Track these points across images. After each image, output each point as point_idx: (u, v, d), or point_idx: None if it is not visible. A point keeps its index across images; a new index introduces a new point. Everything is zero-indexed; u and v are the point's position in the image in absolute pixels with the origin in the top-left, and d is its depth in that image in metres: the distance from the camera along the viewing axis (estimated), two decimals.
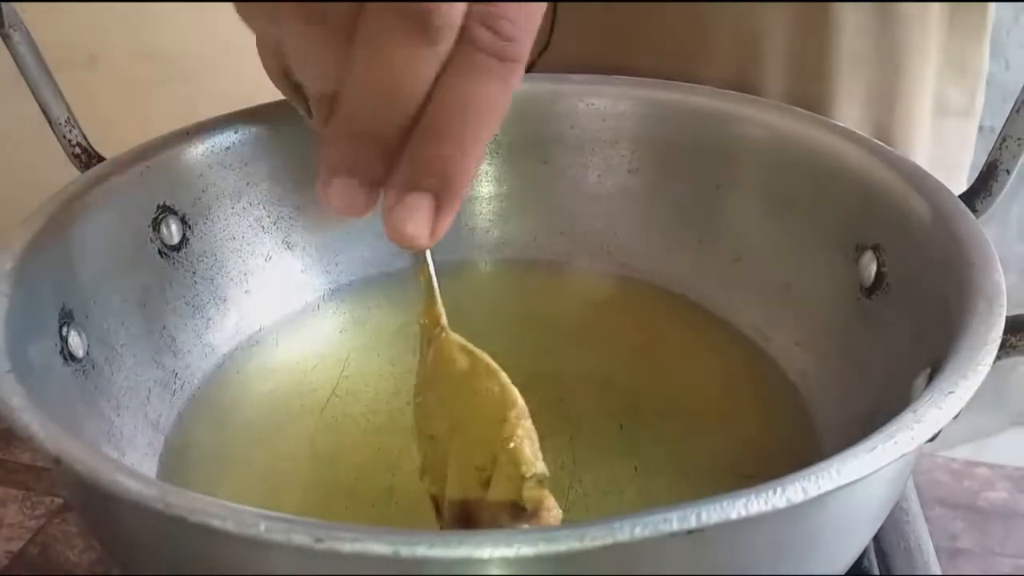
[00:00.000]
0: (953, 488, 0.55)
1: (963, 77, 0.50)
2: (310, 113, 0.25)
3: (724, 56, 0.47)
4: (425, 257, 0.27)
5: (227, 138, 0.40)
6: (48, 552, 0.48)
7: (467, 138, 0.22)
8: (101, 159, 0.37)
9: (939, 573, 0.36)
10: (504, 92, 0.22)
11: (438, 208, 0.23)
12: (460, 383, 0.27)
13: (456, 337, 0.27)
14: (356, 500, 0.33)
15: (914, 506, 0.39)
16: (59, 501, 0.51)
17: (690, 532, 0.19)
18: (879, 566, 0.36)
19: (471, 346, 0.27)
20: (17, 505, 0.51)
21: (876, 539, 0.37)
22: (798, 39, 0.46)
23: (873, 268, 0.35)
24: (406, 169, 0.23)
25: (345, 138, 0.23)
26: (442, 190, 0.23)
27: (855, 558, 0.27)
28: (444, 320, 0.28)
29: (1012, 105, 0.32)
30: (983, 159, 0.34)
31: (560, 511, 0.26)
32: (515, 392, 0.26)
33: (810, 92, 0.47)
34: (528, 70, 0.29)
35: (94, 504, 0.24)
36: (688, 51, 0.47)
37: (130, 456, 0.33)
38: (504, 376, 0.26)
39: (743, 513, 0.20)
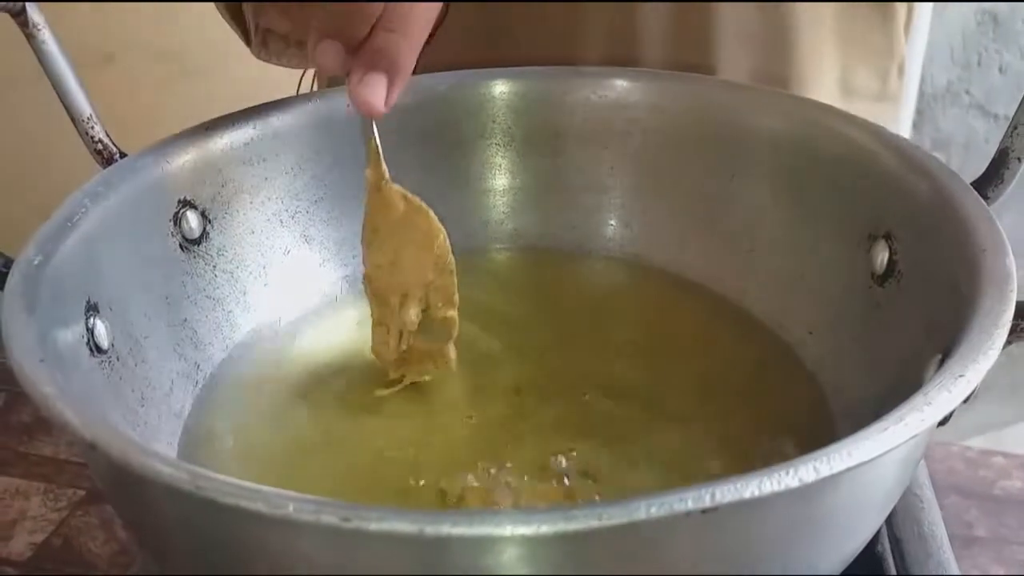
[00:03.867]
0: (968, 477, 0.55)
1: (870, 59, 0.50)
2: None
3: (602, 36, 0.47)
4: (372, 126, 0.34)
5: (245, 133, 0.40)
6: (71, 544, 0.48)
7: (410, 30, 0.32)
8: (123, 155, 0.38)
9: (952, 558, 0.37)
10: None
11: (389, 84, 0.32)
12: (399, 222, 0.35)
13: (397, 187, 0.35)
14: (375, 486, 0.33)
15: (928, 492, 0.39)
16: (81, 493, 0.52)
17: (704, 512, 0.20)
18: (892, 552, 0.37)
19: (409, 193, 0.35)
20: (40, 497, 0.52)
21: (889, 525, 0.37)
22: (679, 15, 0.46)
23: (885, 256, 0.35)
24: (367, 54, 0.32)
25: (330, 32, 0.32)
26: (392, 70, 0.32)
27: (867, 540, 0.27)
28: (387, 175, 0.35)
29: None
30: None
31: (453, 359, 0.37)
32: (439, 225, 0.35)
33: (692, 64, 0.47)
34: (429, 40, 0.34)
35: (126, 489, 0.25)
36: (567, 36, 0.48)
37: (154, 446, 0.33)
38: (432, 213, 0.35)
39: (757, 493, 0.20)
